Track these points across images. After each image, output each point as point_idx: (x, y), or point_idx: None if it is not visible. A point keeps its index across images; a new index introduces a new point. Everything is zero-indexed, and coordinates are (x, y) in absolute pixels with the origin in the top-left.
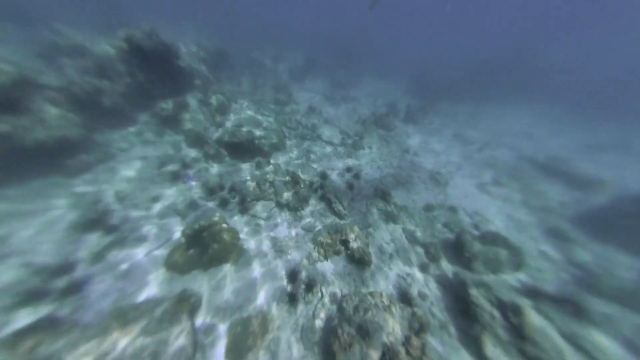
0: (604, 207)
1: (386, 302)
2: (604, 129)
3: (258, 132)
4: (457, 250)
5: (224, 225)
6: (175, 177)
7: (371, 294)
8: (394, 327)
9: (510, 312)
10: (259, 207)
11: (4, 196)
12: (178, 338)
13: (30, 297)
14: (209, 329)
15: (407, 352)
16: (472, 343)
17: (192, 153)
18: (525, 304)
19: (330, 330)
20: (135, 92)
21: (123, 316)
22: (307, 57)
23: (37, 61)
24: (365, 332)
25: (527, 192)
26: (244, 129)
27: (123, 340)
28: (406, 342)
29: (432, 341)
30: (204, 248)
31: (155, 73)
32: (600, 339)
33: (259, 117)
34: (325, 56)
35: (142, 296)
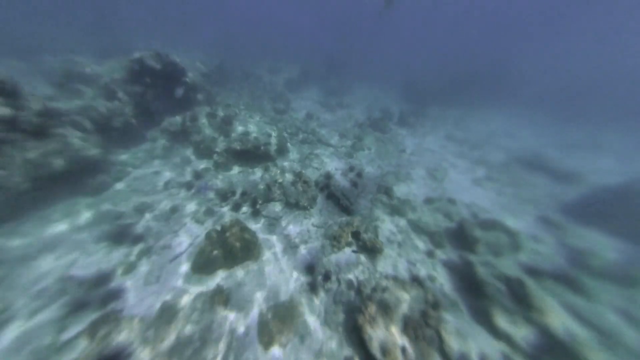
0: (584, 197)
1: (400, 283)
2: (576, 130)
3: (263, 139)
4: (460, 236)
5: (243, 225)
6: (189, 188)
7: (385, 277)
8: (410, 302)
9: (515, 285)
10: (271, 208)
11: (36, 218)
12: (219, 325)
13: (77, 306)
14: (242, 318)
15: (426, 323)
16: (482, 316)
17: (202, 164)
18: (528, 278)
19: (352, 310)
20: (144, 111)
21: (169, 310)
22: (302, 68)
23: (54, 88)
24: (386, 307)
25: (517, 186)
26: (250, 137)
27: (174, 331)
28: (424, 314)
29: (446, 316)
30: (228, 248)
31: (164, 91)
32: (596, 308)
33: (262, 125)
34: (319, 66)
35: (176, 297)
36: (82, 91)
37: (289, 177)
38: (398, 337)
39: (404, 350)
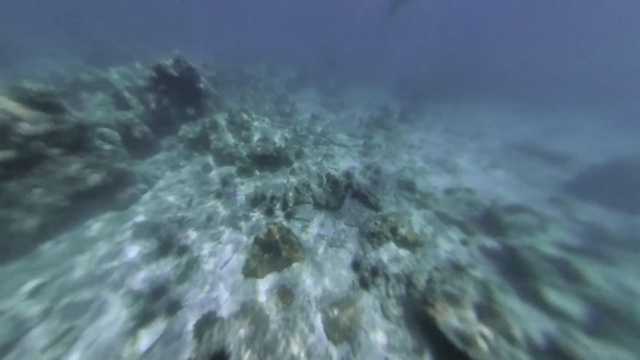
0: (579, 176)
1: (453, 272)
2: (555, 116)
3: (281, 143)
4: (489, 222)
5: (287, 228)
6: (218, 195)
7: (435, 268)
8: (472, 290)
9: (560, 263)
10: (302, 211)
11: (72, 236)
12: (289, 324)
13: (144, 319)
14: (306, 316)
15: (492, 309)
16: (532, 296)
17: (225, 170)
18: (568, 255)
19: (408, 303)
20: (161, 119)
21: (244, 311)
22: (300, 68)
23: (75, 100)
24: (452, 296)
25: (520, 170)
26: (269, 141)
27: (256, 329)
28: (489, 300)
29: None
30: (277, 251)
31: (180, 98)
32: (629, 278)
33: (277, 129)
34: (315, 66)
35: (235, 302)
36: (95, 100)
37: (315, 178)
38: (475, 325)
39: (483, 337)
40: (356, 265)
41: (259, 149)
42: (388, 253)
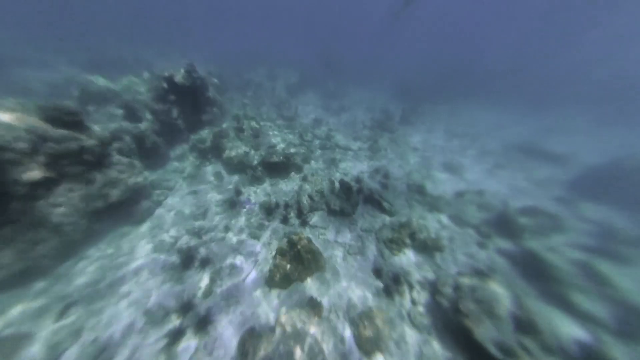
0: (579, 176)
1: (479, 278)
2: (546, 116)
3: (290, 149)
4: (504, 224)
5: (308, 237)
6: (232, 205)
7: (459, 274)
8: (503, 295)
9: (583, 265)
10: (316, 218)
11: (99, 256)
12: (319, 335)
13: (175, 336)
14: (335, 327)
15: (530, 319)
16: (558, 300)
17: (236, 179)
18: (589, 257)
19: (435, 311)
20: (171, 129)
21: (270, 327)
22: (300, 72)
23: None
24: (486, 306)
25: (524, 171)
26: (278, 148)
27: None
28: (519, 306)
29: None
30: (300, 261)
31: (190, 107)
32: None
33: (283, 135)
34: (314, 69)
35: (262, 315)
36: (105, 112)
37: (326, 185)
38: (513, 335)
39: (524, 347)
40: (378, 273)
41: (269, 156)
42: (407, 259)
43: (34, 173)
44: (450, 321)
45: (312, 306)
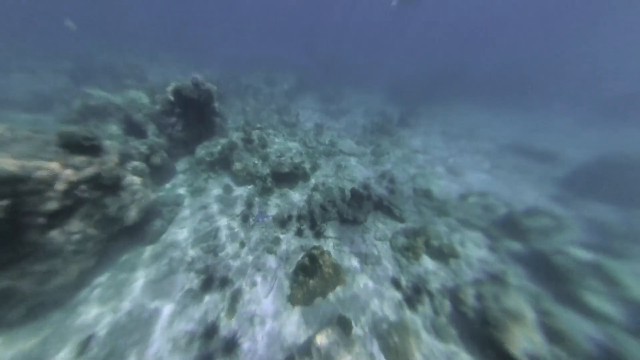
0: (569, 174)
1: (500, 285)
2: (530, 117)
3: (297, 158)
4: (510, 226)
5: (327, 251)
6: (245, 218)
7: (478, 281)
8: (527, 303)
9: (593, 266)
10: (330, 228)
11: (115, 283)
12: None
13: None
14: (365, 343)
15: (558, 328)
16: (572, 301)
17: (245, 191)
18: (598, 256)
19: (458, 321)
20: (177, 142)
21: (303, 347)
22: (297, 76)
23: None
24: (513, 316)
25: (519, 171)
26: (286, 158)
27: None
28: (545, 314)
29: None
30: (322, 275)
31: (195, 119)
32: None
33: (288, 143)
34: (311, 73)
35: (288, 334)
36: (108, 128)
37: (337, 193)
38: (544, 346)
39: (556, 357)
40: (396, 283)
41: (278, 166)
42: (424, 267)
43: (53, 203)
44: (476, 332)
45: (341, 324)
